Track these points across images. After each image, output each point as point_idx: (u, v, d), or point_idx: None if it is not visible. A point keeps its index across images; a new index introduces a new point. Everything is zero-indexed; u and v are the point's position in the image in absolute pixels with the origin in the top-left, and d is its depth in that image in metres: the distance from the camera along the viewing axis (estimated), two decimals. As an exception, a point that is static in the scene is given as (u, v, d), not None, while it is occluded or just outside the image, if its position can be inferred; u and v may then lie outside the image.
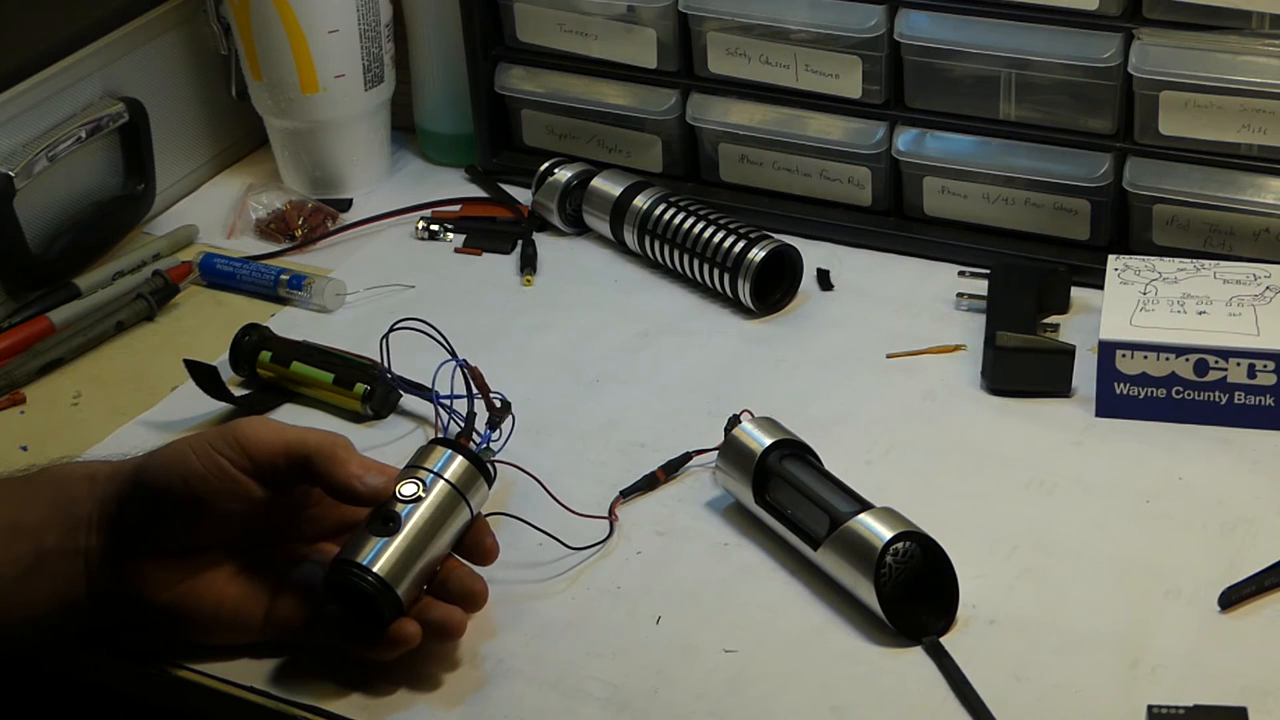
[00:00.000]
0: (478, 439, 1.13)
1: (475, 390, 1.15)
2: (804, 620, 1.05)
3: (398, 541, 1.00)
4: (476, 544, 1.04)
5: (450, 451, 1.04)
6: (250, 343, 1.28)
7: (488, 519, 1.06)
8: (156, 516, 1.00)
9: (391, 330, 1.18)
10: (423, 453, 1.05)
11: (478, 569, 1.04)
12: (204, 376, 1.25)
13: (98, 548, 1.00)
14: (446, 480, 1.03)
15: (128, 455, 1.04)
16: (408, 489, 1.02)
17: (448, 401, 1.16)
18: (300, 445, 1.00)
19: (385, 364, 1.19)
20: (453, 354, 1.16)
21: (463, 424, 1.14)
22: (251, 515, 1.01)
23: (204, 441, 1.00)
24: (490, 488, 1.06)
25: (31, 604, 1.00)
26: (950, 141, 1.36)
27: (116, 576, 1.01)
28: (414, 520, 1.01)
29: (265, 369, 1.27)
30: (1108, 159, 1.31)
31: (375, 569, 0.99)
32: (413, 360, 1.19)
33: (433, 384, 1.15)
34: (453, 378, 1.15)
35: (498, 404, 1.16)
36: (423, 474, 1.03)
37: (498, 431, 1.15)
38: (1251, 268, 1.23)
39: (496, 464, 1.11)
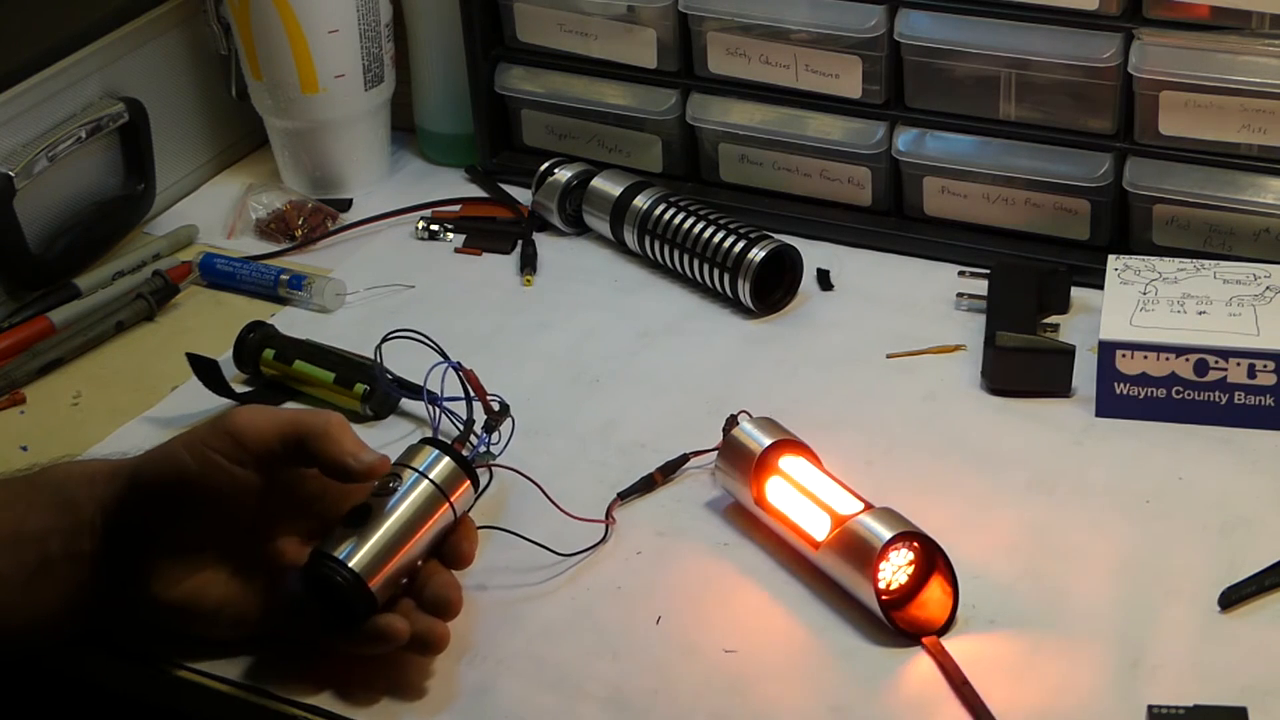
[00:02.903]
0: (474, 442, 1.13)
1: (472, 393, 1.15)
2: (804, 620, 1.05)
3: (374, 537, 0.99)
4: (453, 547, 1.03)
5: (437, 451, 1.03)
6: (254, 340, 1.28)
7: (482, 530, 1.05)
8: (156, 517, 1.00)
9: (384, 341, 1.17)
10: (410, 451, 1.04)
11: (461, 578, 1.03)
12: (205, 370, 1.25)
13: (101, 551, 1.00)
14: (430, 480, 1.02)
15: (127, 455, 1.04)
16: (388, 484, 1.02)
17: (447, 404, 1.15)
18: (293, 426, 0.99)
19: (381, 369, 1.18)
20: (445, 357, 1.15)
21: (460, 427, 1.13)
22: (251, 507, 1.00)
23: (196, 440, 0.99)
24: (476, 490, 1.05)
25: (37, 607, 1.00)
26: (950, 141, 1.36)
27: (121, 578, 1.00)
28: (392, 517, 1.00)
29: (268, 366, 1.27)
30: (1108, 159, 1.31)
31: (351, 564, 0.98)
32: (414, 362, 1.19)
33: (424, 384, 1.15)
34: (443, 379, 1.15)
35: (495, 407, 1.16)
36: (407, 473, 1.02)
37: (496, 434, 1.15)
38: (1251, 268, 1.23)
39: (494, 467, 1.11)
